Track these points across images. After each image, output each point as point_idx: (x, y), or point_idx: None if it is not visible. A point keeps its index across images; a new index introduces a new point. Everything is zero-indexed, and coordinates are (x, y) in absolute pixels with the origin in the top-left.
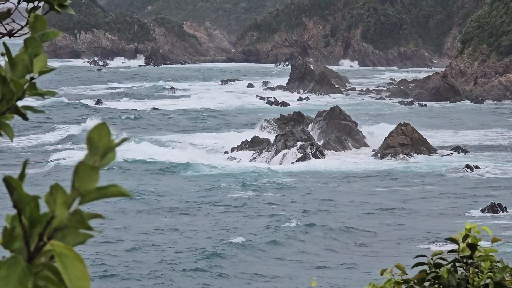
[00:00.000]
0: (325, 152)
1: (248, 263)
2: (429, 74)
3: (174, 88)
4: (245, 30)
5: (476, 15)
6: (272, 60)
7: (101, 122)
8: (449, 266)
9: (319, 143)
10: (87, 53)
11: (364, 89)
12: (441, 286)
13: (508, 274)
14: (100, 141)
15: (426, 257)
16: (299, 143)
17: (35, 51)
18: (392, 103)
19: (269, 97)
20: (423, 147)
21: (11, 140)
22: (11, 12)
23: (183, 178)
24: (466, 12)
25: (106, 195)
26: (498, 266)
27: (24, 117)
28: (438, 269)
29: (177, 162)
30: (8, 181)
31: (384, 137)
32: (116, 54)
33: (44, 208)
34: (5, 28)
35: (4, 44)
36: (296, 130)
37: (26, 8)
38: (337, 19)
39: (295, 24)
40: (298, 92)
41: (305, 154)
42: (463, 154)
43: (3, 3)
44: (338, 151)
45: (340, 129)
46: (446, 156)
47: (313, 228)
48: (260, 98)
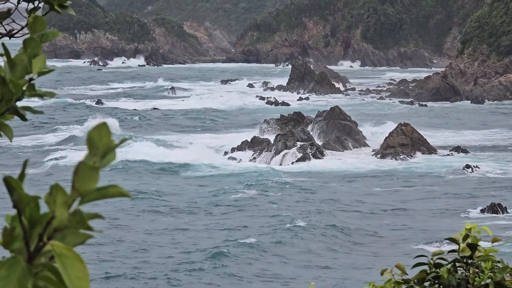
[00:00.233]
0: (325, 152)
1: (249, 262)
2: (429, 74)
3: (174, 88)
4: (245, 30)
5: (476, 15)
6: (272, 60)
7: (101, 122)
8: (449, 266)
9: (319, 143)
10: (87, 53)
11: (364, 89)
12: (441, 286)
13: (508, 274)
14: (100, 141)
15: (426, 257)
16: (299, 143)
17: (34, 51)
18: (392, 103)
19: (269, 97)
20: (423, 147)
21: (10, 140)
22: (11, 12)
23: (184, 178)
24: (466, 12)
25: (106, 196)
26: (498, 266)
27: (23, 118)
28: (438, 269)
29: (177, 162)
30: (8, 181)
31: (384, 137)
32: (116, 54)
33: (44, 208)
34: (5, 29)
35: (3, 44)
36: (296, 130)
37: (26, 9)
38: (337, 19)
39: (295, 24)
40: (298, 92)
41: (305, 154)
42: (463, 154)
43: (3, 3)
44: (338, 151)
45: (340, 129)
46: (446, 156)
47: (313, 228)
48: (260, 98)
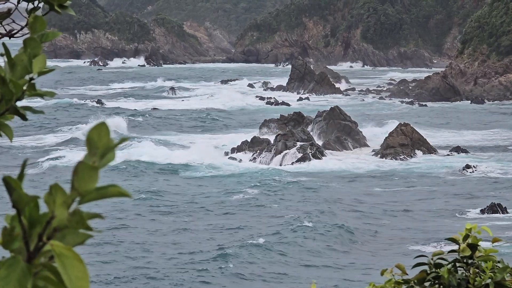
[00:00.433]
0: (325, 152)
1: (249, 262)
2: (429, 74)
3: (174, 88)
4: (245, 30)
5: (476, 15)
6: (272, 60)
7: (100, 122)
8: (450, 266)
9: (319, 143)
10: (87, 53)
11: (364, 89)
12: (442, 286)
13: (508, 274)
14: (100, 141)
15: (427, 257)
16: (299, 144)
17: (34, 51)
18: (392, 103)
19: (269, 97)
20: (423, 147)
21: (10, 140)
22: (11, 12)
23: (184, 178)
24: (466, 12)
25: (106, 195)
26: (499, 266)
27: (23, 118)
28: (438, 269)
29: (177, 162)
30: (7, 181)
31: (384, 137)
32: (116, 54)
33: (43, 208)
34: (5, 29)
35: (4, 44)
36: (296, 130)
37: (26, 9)
38: (337, 19)
39: (295, 24)
40: (298, 92)
41: (305, 154)
42: (463, 154)
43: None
44: (338, 151)
45: (340, 129)
46: (446, 156)
47: (313, 228)
48: (260, 98)
